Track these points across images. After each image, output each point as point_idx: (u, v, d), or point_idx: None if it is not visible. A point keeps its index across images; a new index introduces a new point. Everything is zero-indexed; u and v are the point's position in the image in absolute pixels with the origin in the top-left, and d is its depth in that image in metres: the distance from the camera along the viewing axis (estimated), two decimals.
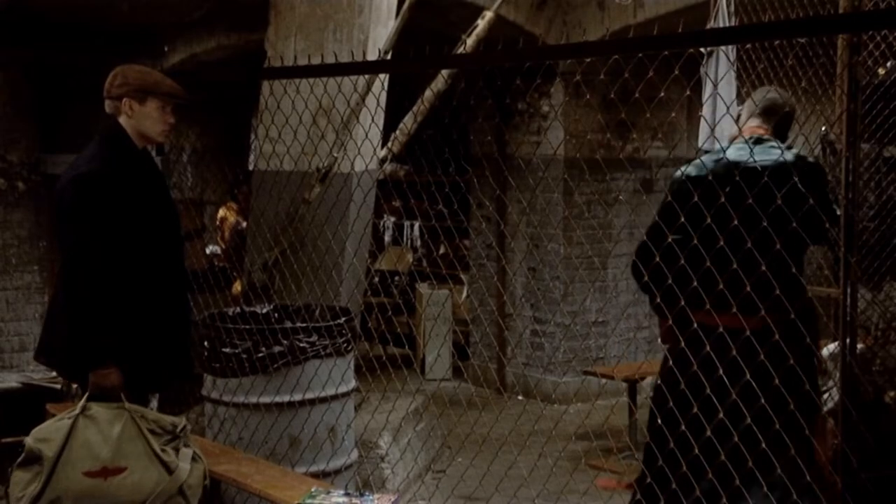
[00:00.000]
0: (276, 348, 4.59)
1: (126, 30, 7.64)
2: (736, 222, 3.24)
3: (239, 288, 6.68)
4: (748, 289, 3.15)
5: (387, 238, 10.01)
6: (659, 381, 3.71)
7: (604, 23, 7.03)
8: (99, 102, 3.92)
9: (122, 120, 3.85)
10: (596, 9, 7.20)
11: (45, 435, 3.55)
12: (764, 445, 3.15)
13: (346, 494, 3.66)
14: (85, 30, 7.32)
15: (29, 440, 3.55)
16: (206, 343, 4.75)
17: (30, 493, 3.46)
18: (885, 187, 5.16)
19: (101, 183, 3.70)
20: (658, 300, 3.52)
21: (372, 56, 5.41)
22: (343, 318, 4.84)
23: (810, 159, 3.74)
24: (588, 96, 7.53)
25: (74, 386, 4.71)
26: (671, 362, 3.52)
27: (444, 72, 5.76)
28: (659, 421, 3.53)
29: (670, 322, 3.56)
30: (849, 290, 3.83)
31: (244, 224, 7.47)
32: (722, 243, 3.19)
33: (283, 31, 5.92)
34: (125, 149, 3.84)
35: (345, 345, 4.77)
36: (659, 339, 4.05)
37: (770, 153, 3.59)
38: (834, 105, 4.43)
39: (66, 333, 3.73)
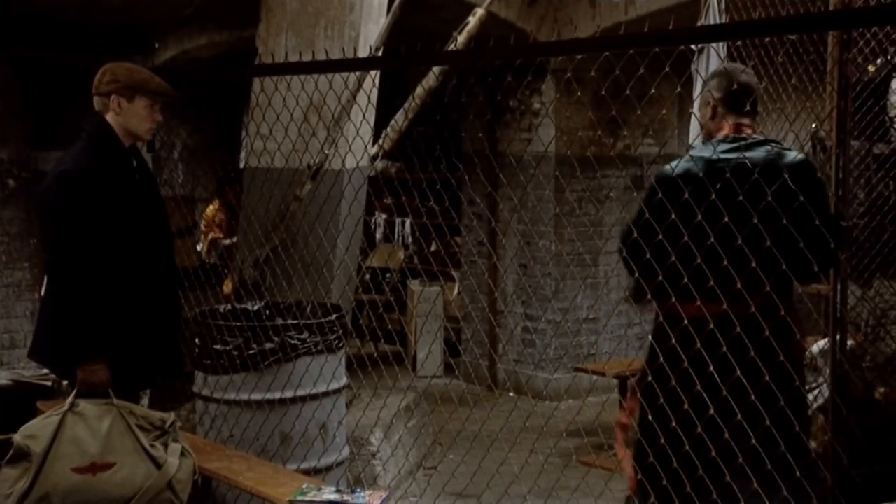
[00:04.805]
0: (268, 345, 4.58)
1: (117, 27, 7.62)
2: (726, 219, 3.22)
3: (230, 287, 6.67)
4: (738, 282, 3.13)
5: (378, 235, 9.99)
6: (650, 378, 3.58)
7: (595, 20, 7.03)
8: (91, 99, 3.91)
9: (110, 117, 3.84)
10: (587, 6, 7.20)
11: (33, 432, 3.54)
12: (755, 442, 3.14)
13: (338, 491, 3.66)
14: (76, 27, 7.30)
15: (17, 437, 3.54)
16: (197, 340, 4.75)
17: (18, 489, 3.45)
18: (874, 184, 5.18)
19: (87, 179, 3.69)
20: (648, 294, 3.50)
21: (363, 53, 5.40)
22: (334, 315, 4.84)
23: (801, 157, 3.68)
24: (579, 93, 7.53)
25: (65, 383, 4.71)
26: (661, 359, 3.44)
27: (436, 69, 5.76)
28: (650, 417, 3.51)
29: (661, 319, 3.53)
30: (839, 287, 3.85)
31: (225, 242, 7.55)
32: (713, 240, 3.18)
33: (275, 28, 5.91)
34: (112, 146, 3.84)
35: (336, 342, 4.76)
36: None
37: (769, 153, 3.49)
38: (824, 102, 4.44)
39: (54, 330, 3.73)
